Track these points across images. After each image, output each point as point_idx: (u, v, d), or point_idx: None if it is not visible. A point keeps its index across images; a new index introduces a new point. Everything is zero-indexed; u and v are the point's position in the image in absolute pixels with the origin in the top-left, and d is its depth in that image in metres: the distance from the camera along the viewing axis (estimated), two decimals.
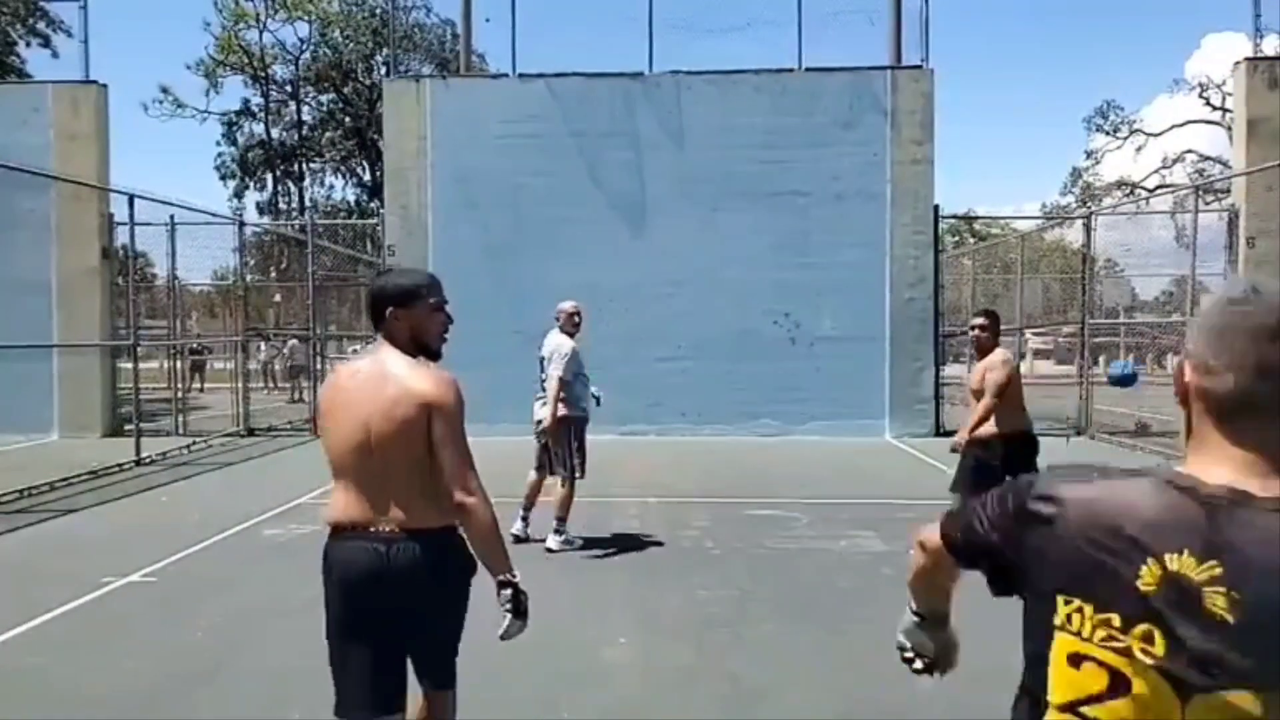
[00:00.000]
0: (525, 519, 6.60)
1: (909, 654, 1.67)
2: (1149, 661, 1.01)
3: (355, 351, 23.05)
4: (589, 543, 6.65)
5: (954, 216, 17.88)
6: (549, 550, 6.42)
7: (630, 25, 13.36)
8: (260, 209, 34.68)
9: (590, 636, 4.67)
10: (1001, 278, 19.96)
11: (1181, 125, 34.03)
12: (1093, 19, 66.81)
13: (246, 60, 33.17)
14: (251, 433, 13.65)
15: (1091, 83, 66.03)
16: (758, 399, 12.90)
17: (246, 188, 35.28)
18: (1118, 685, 1.03)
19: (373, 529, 2.46)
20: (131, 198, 11.16)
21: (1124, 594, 1.03)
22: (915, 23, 13.40)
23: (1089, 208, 22.12)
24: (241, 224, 16.41)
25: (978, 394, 5.57)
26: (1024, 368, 19.17)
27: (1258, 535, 1.00)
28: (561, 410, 6.37)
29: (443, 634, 2.64)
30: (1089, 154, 36.81)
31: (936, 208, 13.25)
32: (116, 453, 10.71)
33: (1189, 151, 33.53)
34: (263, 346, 19.45)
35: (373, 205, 31.94)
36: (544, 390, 6.42)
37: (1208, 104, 32.73)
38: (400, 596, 2.47)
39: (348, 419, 2.54)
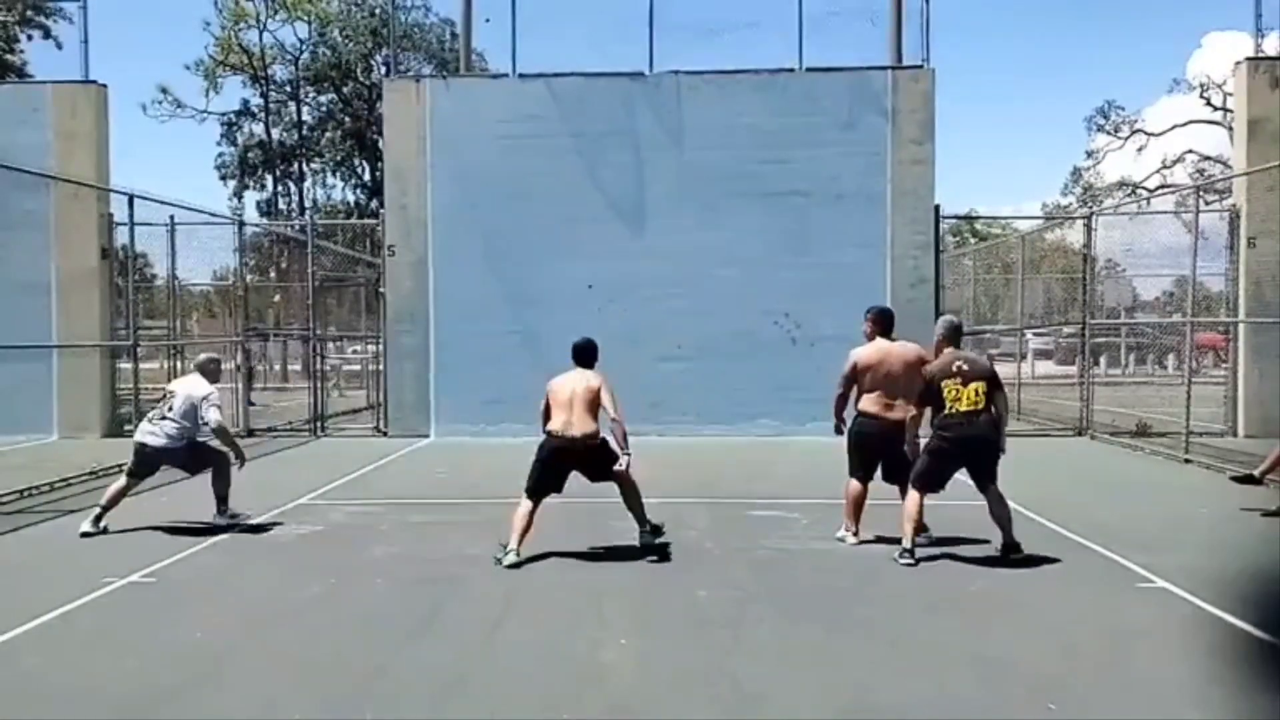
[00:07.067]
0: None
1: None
2: (961, 382, 5.99)
3: (355, 352, 23.10)
4: (588, 542, 6.64)
5: (954, 216, 17.83)
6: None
7: (630, 25, 13.36)
8: (260, 209, 34.67)
9: (590, 637, 4.67)
10: (1002, 278, 19.93)
11: (1183, 125, 34.05)
12: (1093, 18, 66.84)
13: (246, 60, 33.15)
14: (251, 433, 13.64)
15: (1092, 82, 65.95)
16: (758, 399, 12.90)
17: (246, 188, 35.26)
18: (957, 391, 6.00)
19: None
20: (131, 198, 11.15)
21: (949, 374, 6.05)
22: (916, 22, 13.41)
23: (1090, 208, 22.11)
24: (241, 224, 16.40)
25: None
26: (1025, 368, 19.16)
27: (973, 358, 6.49)
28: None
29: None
30: (1090, 154, 36.89)
31: (937, 208, 13.24)
32: (116, 453, 10.67)
33: (1190, 151, 33.55)
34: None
35: (373, 205, 31.93)
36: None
37: (1208, 104, 32.75)
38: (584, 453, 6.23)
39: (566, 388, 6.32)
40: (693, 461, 10.62)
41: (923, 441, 6.29)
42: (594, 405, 6.31)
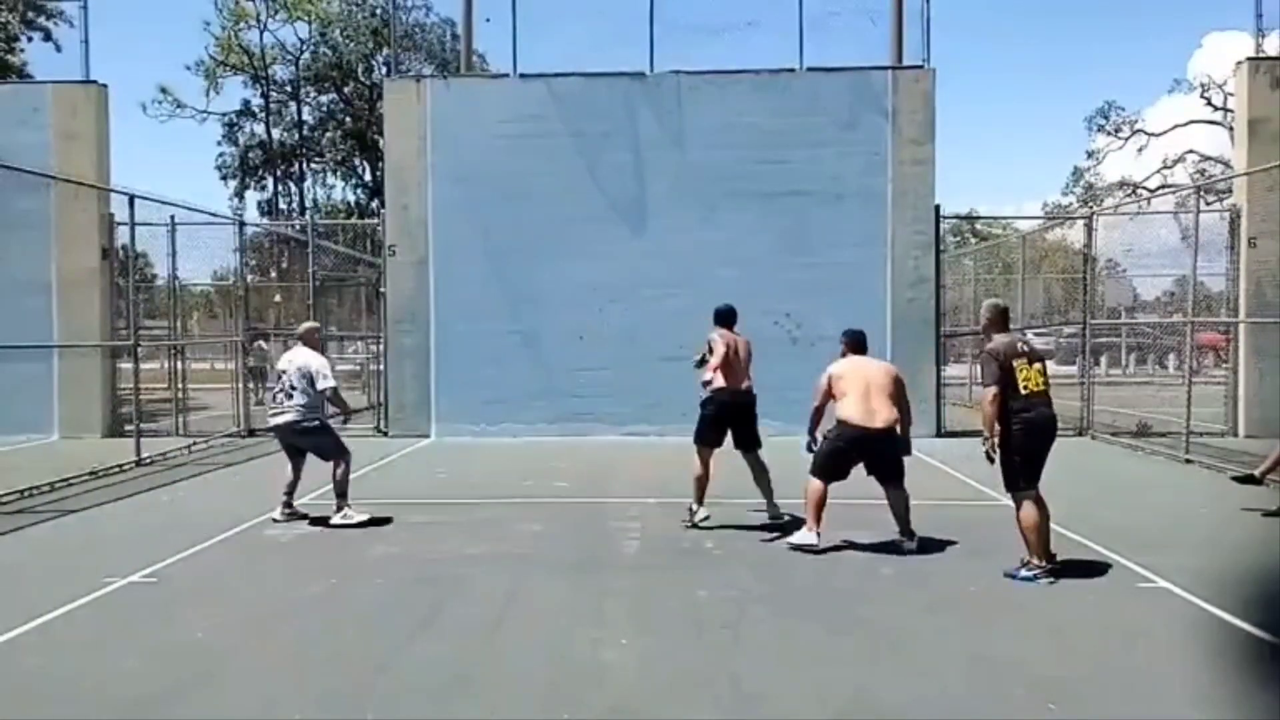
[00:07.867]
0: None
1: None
2: (1027, 362, 5.65)
3: (355, 351, 23.09)
4: (588, 542, 6.64)
5: (955, 216, 17.84)
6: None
7: (630, 25, 13.35)
8: (261, 209, 34.71)
9: (590, 637, 4.67)
10: (1003, 278, 19.94)
11: (1183, 125, 34.06)
12: (1093, 18, 66.86)
13: (247, 60, 33.18)
14: (252, 433, 13.63)
15: (1092, 82, 65.96)
16: (758, 399, 12.87)
17: (247, 188, 35.31)
18: (1027, 372, 5.64)
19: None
20: (131, 198, 11.14)
21: (1017, 354, 5.67)
22: (917, 22, 13.40)
23: (1090, 208, 22.10)
24: (242, 224, 16.39)
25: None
26: None
27: (1030, 339, 7.29)
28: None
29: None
30: (1090, 154, 36.93)
31: (937, 208, 13.23)
32: (117, 453, 10.71)
33: (1190, 151, 33.57)
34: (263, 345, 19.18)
35: (373, 205, 31.95)
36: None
37: (1209, 104, 32.76)
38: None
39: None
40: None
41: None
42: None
